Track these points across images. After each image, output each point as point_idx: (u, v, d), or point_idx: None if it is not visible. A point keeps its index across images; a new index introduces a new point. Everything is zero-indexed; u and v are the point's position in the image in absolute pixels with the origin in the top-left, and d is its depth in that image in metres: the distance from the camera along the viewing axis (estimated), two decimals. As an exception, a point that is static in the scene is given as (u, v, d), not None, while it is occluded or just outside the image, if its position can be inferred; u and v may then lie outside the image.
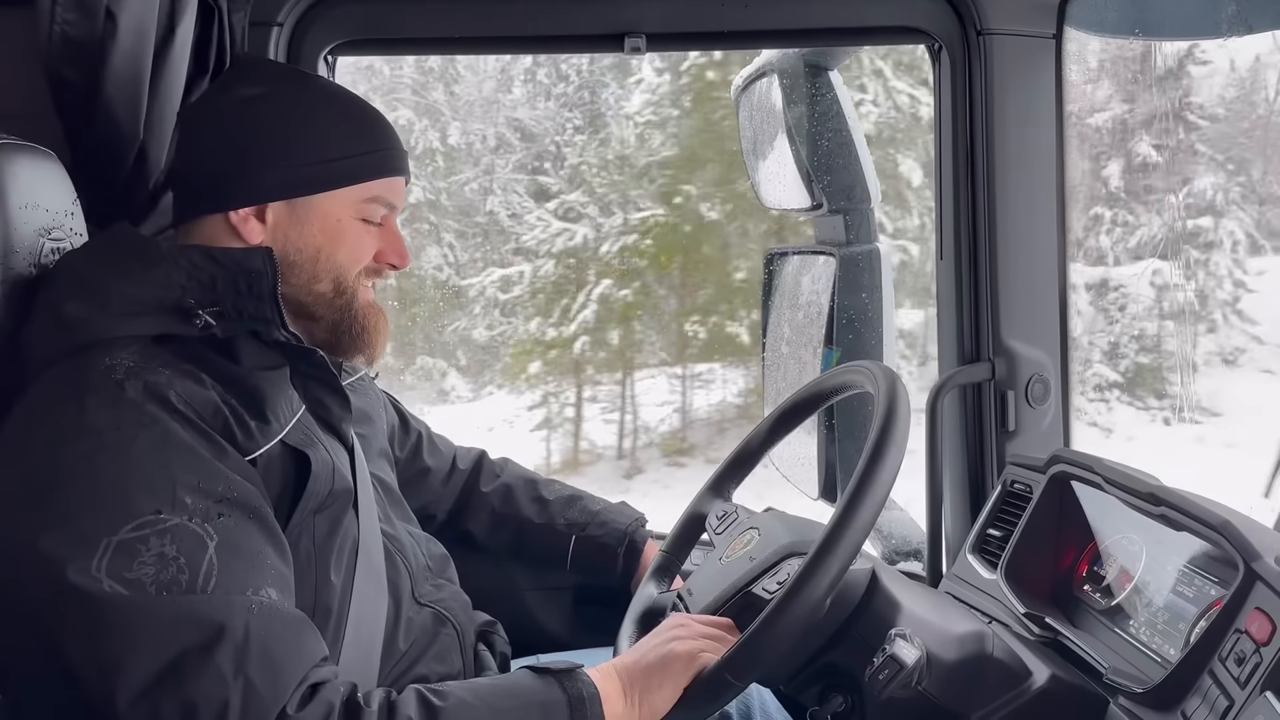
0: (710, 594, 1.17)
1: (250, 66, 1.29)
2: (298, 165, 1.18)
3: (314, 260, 1.19)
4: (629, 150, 10.74)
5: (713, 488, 1.37)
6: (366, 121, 1.24)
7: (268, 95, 1.19)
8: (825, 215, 1.94)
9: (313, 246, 1.19)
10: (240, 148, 1.17)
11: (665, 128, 10.46)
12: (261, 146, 1.17)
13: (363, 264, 1.23)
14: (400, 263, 1.27)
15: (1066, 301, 1.66)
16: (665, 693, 1.06)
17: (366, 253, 1.23)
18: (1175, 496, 1.17)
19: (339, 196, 1.20)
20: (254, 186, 1.17)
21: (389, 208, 1.24)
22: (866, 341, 1.86)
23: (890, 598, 1.10)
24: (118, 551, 0.93)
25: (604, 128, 11.05)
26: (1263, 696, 0.91)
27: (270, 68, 1.38)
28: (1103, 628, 1.29)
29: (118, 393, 1.01)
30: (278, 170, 1.17)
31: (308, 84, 1.26)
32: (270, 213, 1.18)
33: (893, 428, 1.05)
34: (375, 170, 1.22)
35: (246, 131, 1.17)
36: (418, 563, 1.32)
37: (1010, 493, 1.52)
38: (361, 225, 1.22)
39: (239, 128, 1.18)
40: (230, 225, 1.17)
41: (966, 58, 1.61)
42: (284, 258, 1.17)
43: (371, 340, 1.26)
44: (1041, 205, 1.62)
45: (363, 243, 1.22)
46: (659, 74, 10.17)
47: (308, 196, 1.18)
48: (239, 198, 1.17)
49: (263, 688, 0.92)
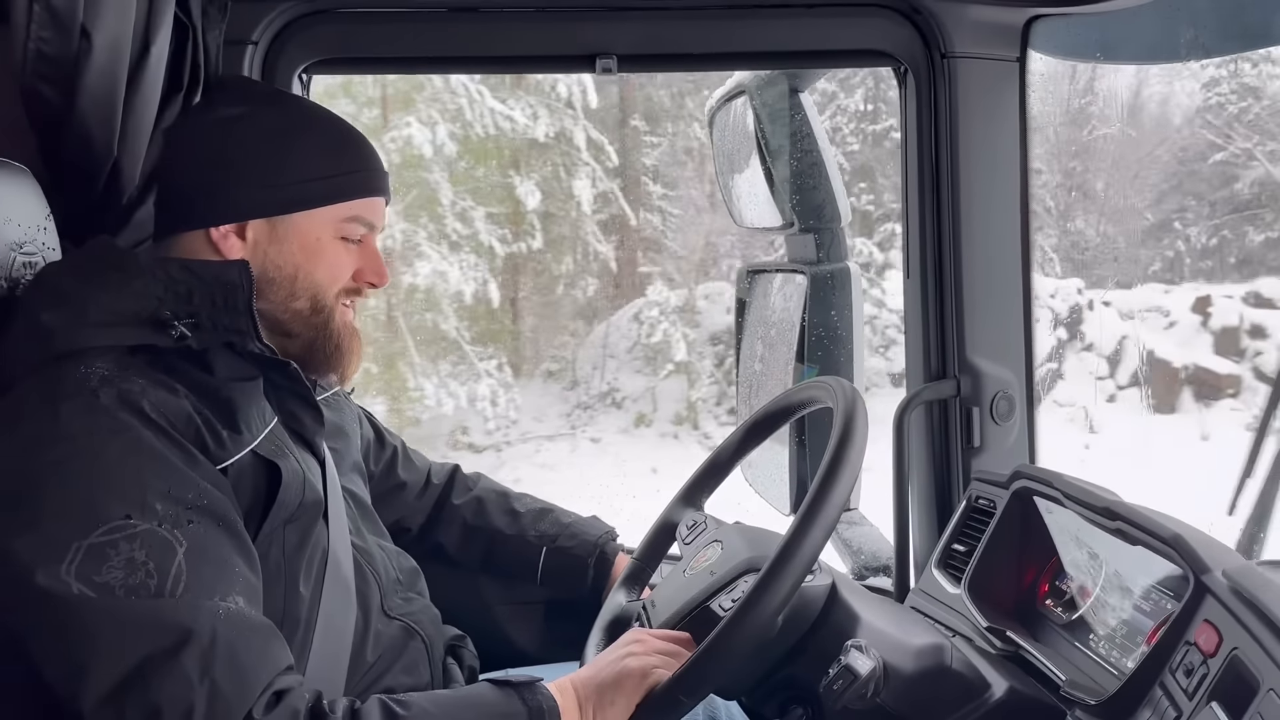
0: (671, 607, 1.19)
1: (234, 87, 1.31)
2: (279, 184, 1.20)
3: (292, 278, 1.21)
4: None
5: (684, 497, 1.39)
6: (347, 142, 1.26)
7: (250, 115, 1.21)
8: (796, 234, 1.97)
9: (292, 264, 1.21)
10: (222, 166, 1.19)
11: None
12: (243, 165, 1.19)
13: (341, 283, 1.25)
14: (379, 281, 1.28)
15: (1031, 319, 1.69)
16: (618, 708, 1.08)
17: (345, 271, 1.25)
18: (1130, 511, 1.19)
19: (319, 215, 1.22)
20: (235, 204, 1.19)
21: (368, 227, 1.26)
22: (837, 359, 1.88)
23: (849, 610, 1.12)
24: (87, 555, 0.94)
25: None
26: (1209, 707, 0.93)
27: (253, 88, 1.40)
28: (1063, 641, 1.31)
29: (92, 400, 1.02)
30: (259, 189, 1.19)
31: (290, 104, 1.28)
32: (250, 230, 1.20)
33: (847, 448, 1.07)
34: (355, 190, 1.24)
35: (229, 150, 1.20)
36: (388, 576, 1.33)
37: (975, 508, 1.54)
38: (341, 244, 1.24)
39: (221, 146, 1.20)
40: (211, 241, 1.19)
41: (932, 80, 1.64)
42: (263, 275, 1.19)
43: (344, 360, 1.27)
44: (1005, 225, 1.65)
45: (341, 261, 1.24)
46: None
47: (288, 215, 1.20)
48: (220, 215, 1.19)
49: (228, 692, 0.93)
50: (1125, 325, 11.54)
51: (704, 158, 10.64)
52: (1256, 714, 0.86)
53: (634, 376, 10.38)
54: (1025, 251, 1.66)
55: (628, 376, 10.41)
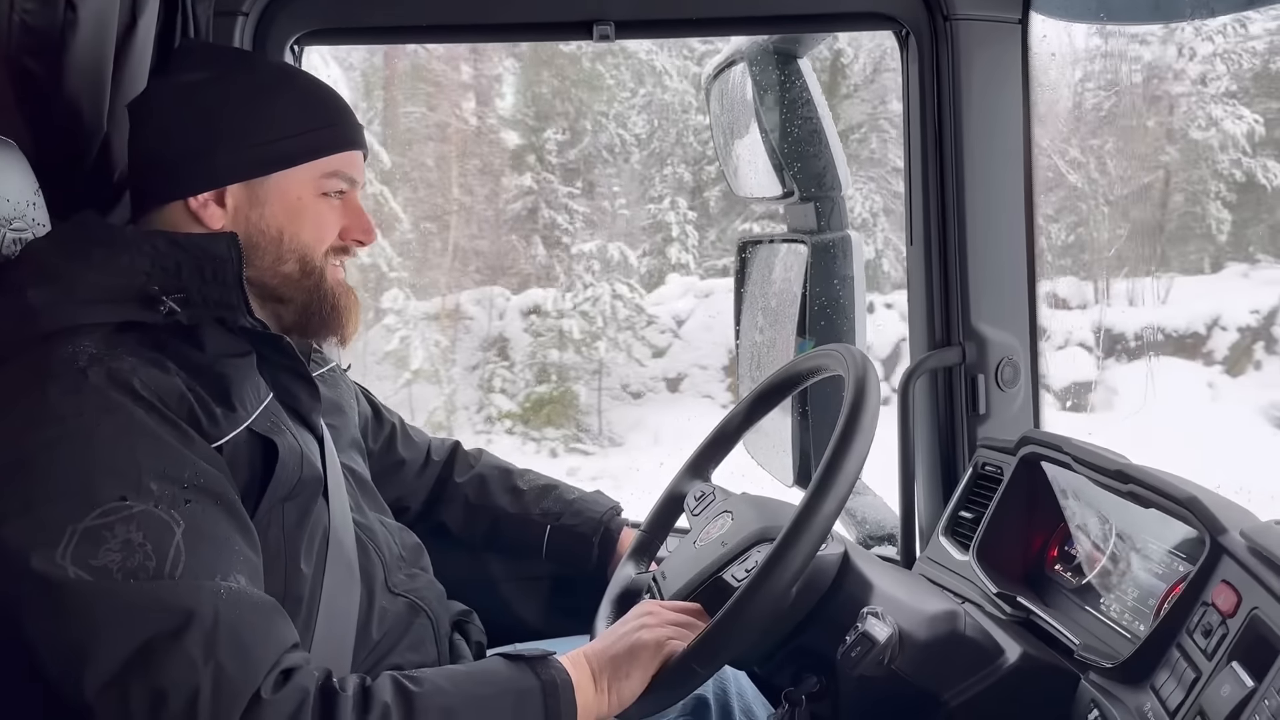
0: (682, 578, 1.17)
1: (192, 52, 1.29)
2: (253, 146, 1.17)
3: (278, 241, 1.19)
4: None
5: (692, 468, 1.38)
6: (320, 98, 1.24)
7: (216, 78, 1.19)
8: (796, 203, 1.95)
9: (275, 227, 1.19)
10: (193, 133, 1.17)
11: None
12: (216, 130, 1.17)
13: (328, 242, 1.23)
14: (366, 237, 1.26)
15: (1035, 285, 1.68)
16: (633, 681, 1.07)
17: (331, 229, 1.23)
18: (1143, 473, 1.18)
19: (297, 174, 1.19)
20: (210, 171, 1.17)
21: (349, 182, 1.24)
22: (839, 328, 1.86)
23: (863, 578, 1.11)
24: (83, 539, 0.92)
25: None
26: (1229, 667, 0.92)
27: (214, 51, 1.38)
28: (1074, 606, 1.31)
29: (80, 380, 1.00)
30: (233, 152, 1.17)
31: (255, 64, 1.27)
32: (229, 196, 1.17)
33: (861, 415, 1.06)
34: (332, 145, 1.22)
35: (198, 116, 1.17)
36: (391, 552, 1.31)
37: (981, 475, 1.53)
38: (323, 202, 1.21)
39: (189, 113, 1.18)
40: (191, 212, 1.17)
41: (934, 43, 1.61)
42: (247, 241, 1.17)
43: (343, 320, 1.25)
44: (1009, 190, 1.63)
45: (326, 219, 1.22)
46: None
47: (265, 176, 1.18)
48: (196, 183, 1.17)
49: (233, 672, 0.91)
50: (903, 327, 11.60)
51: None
52: (1280, 673, 0.85)
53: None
54: (1029, 215, 1.64)
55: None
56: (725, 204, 12.94)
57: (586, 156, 12.94)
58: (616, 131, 13.03)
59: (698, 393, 11.12)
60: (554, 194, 12.28)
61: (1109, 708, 1.06)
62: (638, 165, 13.42)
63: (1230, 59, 11.52)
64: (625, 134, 13.12)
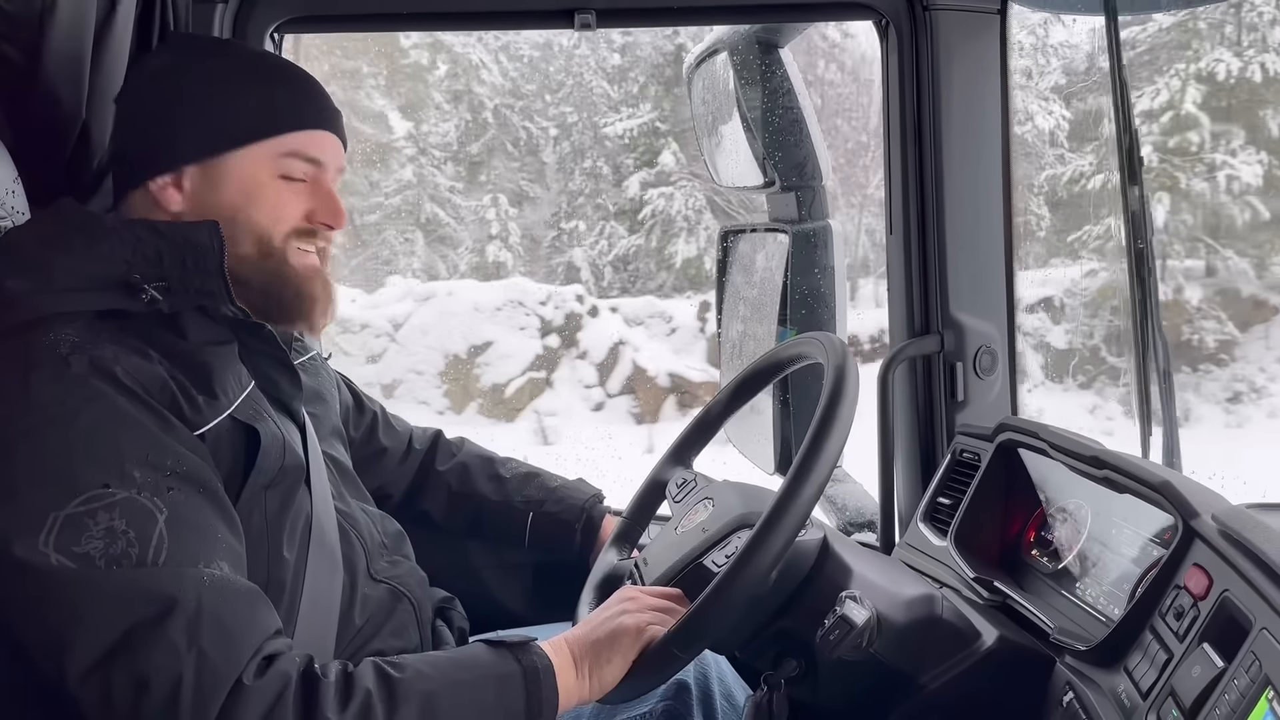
0: (664, 565, 1.18)
1: (172, 41, 1.29)
2: (209, 127, 1.16)
3: (232, 222, 1.16)
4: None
5: (674, 456, 1.39)
6: (281, 77, 1.22)
7: (180, 64, 1.19)
8: (778, 193, 1.96)
9: (230, 208, 1.17)
10: (154, 118, 1.17)
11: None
12: (173, 113, 1.17)
13: (289, 224, 1.20)
14: (333, 221, 1.23)
15: (1013, 274, 1.69)
16: (614, 666, 1.08)
17: (290, 211, 1.20)
18: (1117, 459, 1.20)
19: (252, 154, 1.17)
20: (168, 153, 1.17)
21: (311, 163, 1.21)
22: (820, 318, 1.88)
23: (841, 563, 1.12)
24: (65, 526, 0.93)
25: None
26: (1200, 648, 0.93)
27: (186, 40, 1.38)
28: (1050, 590, 1.32)
29: (62, 368, 1.00)
30: (189, 133, 1.16)
31: (221, 50, 1.26)
32: (187, 179, 1.17)
33: (839, 403, 1.07)
34: (288, 123, 1.19)
35: (160, 102, 1.18)
36: (373, 539, 1.32)
37: (960, 461, 1.54)
38: (283, 184, 1.19)
39: (152, 98, 1.18)
40: (151, 196, 1.17)
41: (913, 33, 1.62)
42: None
43: (308, 307, 1.22)
44: (987, 179, 1.65)
45: (284, 201, 1.19)
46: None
47: (220, 157, 1.17)
48: (156, 167, 1.17)
49: (217, 659, 0.91)
50: (627, 332, 11.73)
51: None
52: (1250, 652, 0.86)
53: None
54: (1007, 205, 1.65)
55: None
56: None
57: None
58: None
59: (414, 399, 11.07)
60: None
61: (1083, 689, 1.08)
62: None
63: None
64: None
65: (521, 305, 11.74)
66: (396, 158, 14.07)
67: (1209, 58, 11.60)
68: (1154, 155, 11.47)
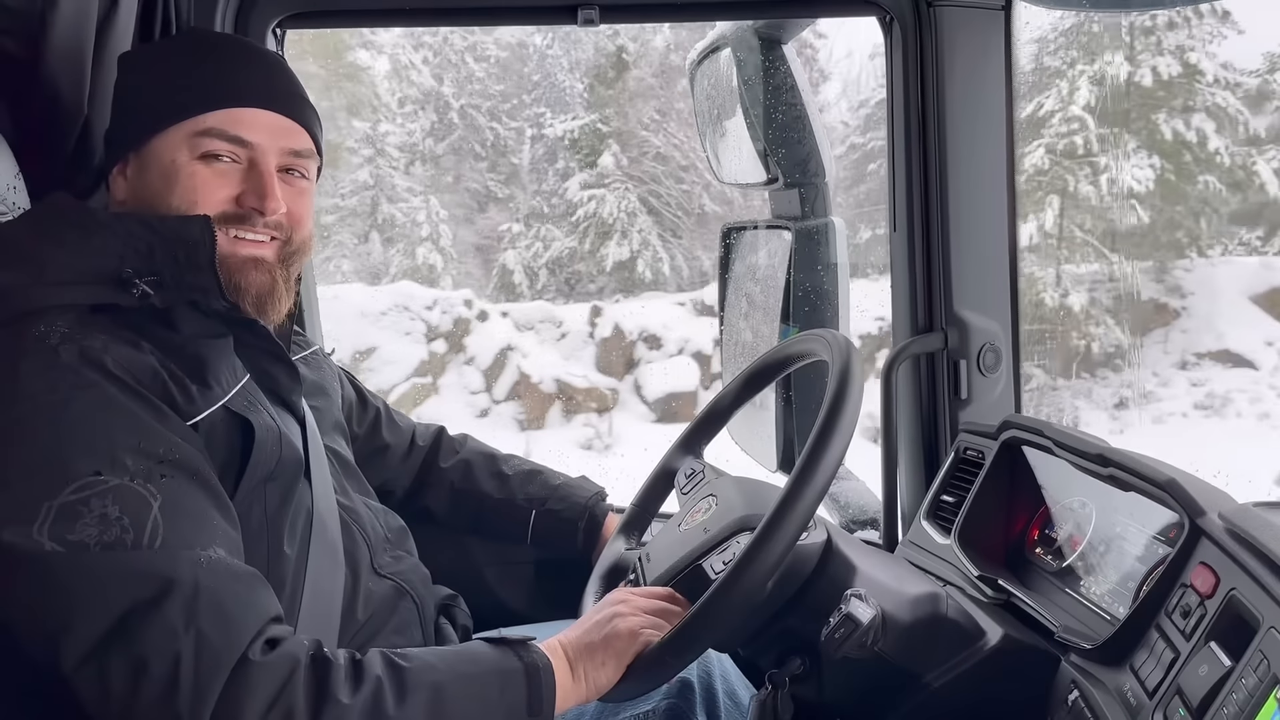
0: (665, 563, 1.18)
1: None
2: (139, 113, 1.17)
3: (155, 207, 1.14)
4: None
5: (684, 444, 1.39)
6: (207, 56, 1.19)
7: (141, 52, 1.22)
8: (781, 190, 1.95)
9: (153, 194, 1.14)
10: (116, 108, 1.20)
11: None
12: (121, 102, 1.20)
13: (215, 209, 1.14)
14: (261, 205, 1.15)
15: (1017, 271, 1.69)
16: (608, 669, 1.08)
17: (209, 195, 1.14)
18: (1123, 457, 1.19)
19: (170, 137, 1.15)
20: (115, 143, 1.19)
21: (234, 142, 1.15)
22: (823, 315, 1.87)
23: (846, 561, 1.11)
24: (59, 515, 0.92)
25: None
26: (1207, 647, 0.93)
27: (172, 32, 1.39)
28: (1054, 589, 1.32)
29: (52, 358, 1.00)
30: (128, 121, 1.18)
31: (177, 37, 1.29)
32: (130, 167, 1.18)
33: (843, 402, 1.06)
34: (201, 102, 1.15)
35: (119, 91, 1.21)
36: (376, 535, 1.31)
37: (963, 459, 1.54)
38: (202, 165, 1.14)
39: (118, 89, 1.21)
40: (109, 186, 1.19)
41: (918, 29, 1.61)
42: (137, 210, 1.15)
43: (241, 297, 1.16)
44: (992, 176, 1.64)
45: (202, 184, 1.14)
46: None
47: (148, 143, 1.15)
48: (111, 156, 1.19)
49: (216, 639, 0.91)
50: (516, 337, 11.82)
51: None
52: (1258, 651, 0.86)
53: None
54: (1011, 202, 1.65)
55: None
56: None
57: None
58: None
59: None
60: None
61: (1089, 688, 1.08)
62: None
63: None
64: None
65: (407, 310, 11.74)
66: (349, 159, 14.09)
67: (1101, 61, 11.71)
68: (1046, 158, 11.58)
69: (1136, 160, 11.70)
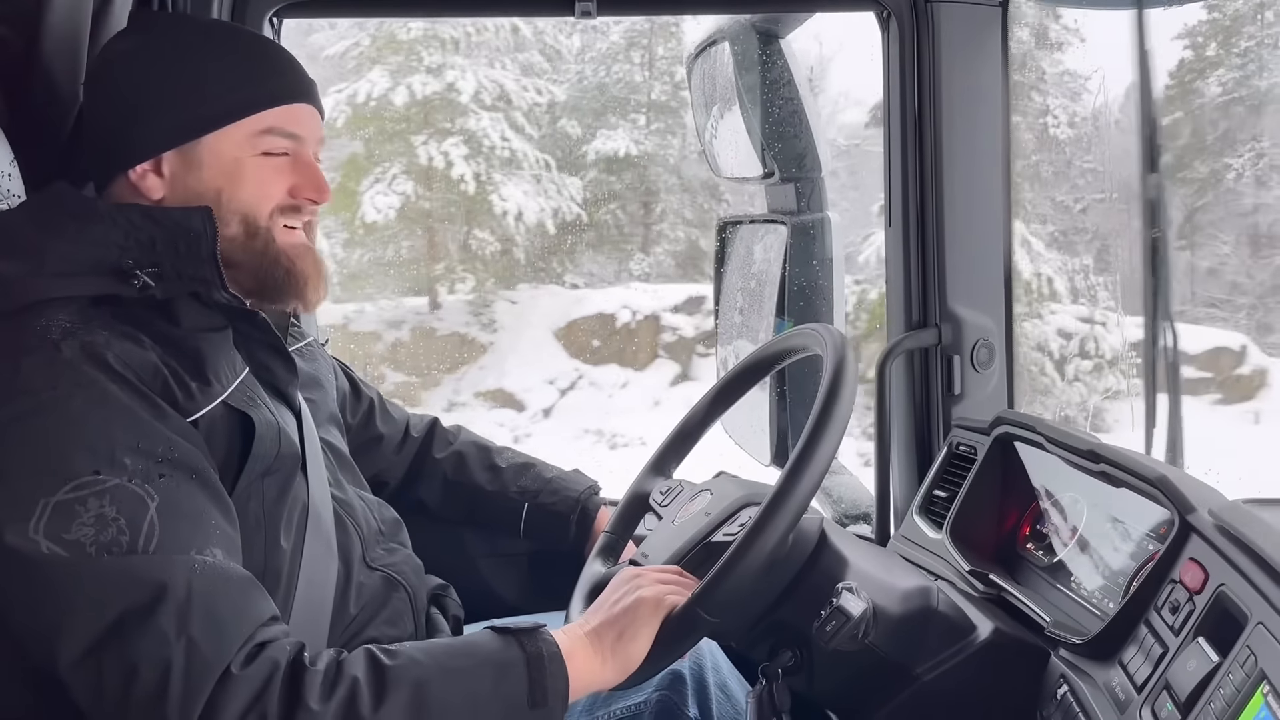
0: (667, 551, 1.18)
1: (134, 20, 1.27)
2: (181, 110, 1.14)
3: (216, 204, 1.14)
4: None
5: (654, 467, 1.36)
6: (251, 52, 1.20)
7: (145, 44, 1.18)
8: (777, 184, 1.95)
9: (213, 190, 1.15)
10: (127, 103, 1.16)
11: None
12: (145, 98, 1.15)
13: (274, 201, 1.17)
14: (318, 196, 1.20)
15: (1011, 268, 1.69)
16: (640, 640, 1.06)
17: (275, 188, 1.17)
18: (1114, 453, 1.20)
19: (231, 134, 1.15)
20: (145, 140, 1.15)
21: (291, 138, 1.18)
22: (818, 309, 1.88)
23: (838, 554, 1.12)
24: (56, 513, 0.92)
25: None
26: (1195, 642, 0.94)
27: (150, 17, 1.36)
28: (1045, 584, 1.32)
29: (54, 353, 0.99)
30: (163, 118, 1.14)
31: (185, 25, 1.24)
32: (166, 164, 1.15)
33: (842, 380, 1.07)
34: (264, 100, 1.17)
35: (130, 85, 1.16)
36: (369, 527, 1.31)
37: (956, 455, 1.54)
38: (264, 161, 1.17)
39: (123, 82, 1.16)
40: (132, 185, 1.15)
41: (915, 25, 1.62)
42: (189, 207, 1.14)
43: (300, 284, 1.20)
44: (987, 173, 1.65)
45: (267, 178, 1.17)
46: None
47: (198, 140, 1.15)
48: (135, 154, 1.15)
49: (206, 647, 0.91)
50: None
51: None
52: (1245, 647, 0.87)
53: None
54: (1006, 199, 1.66)
55: None
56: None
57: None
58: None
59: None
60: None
61: (1078, 683, 1.08)
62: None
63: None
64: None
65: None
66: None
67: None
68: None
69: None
